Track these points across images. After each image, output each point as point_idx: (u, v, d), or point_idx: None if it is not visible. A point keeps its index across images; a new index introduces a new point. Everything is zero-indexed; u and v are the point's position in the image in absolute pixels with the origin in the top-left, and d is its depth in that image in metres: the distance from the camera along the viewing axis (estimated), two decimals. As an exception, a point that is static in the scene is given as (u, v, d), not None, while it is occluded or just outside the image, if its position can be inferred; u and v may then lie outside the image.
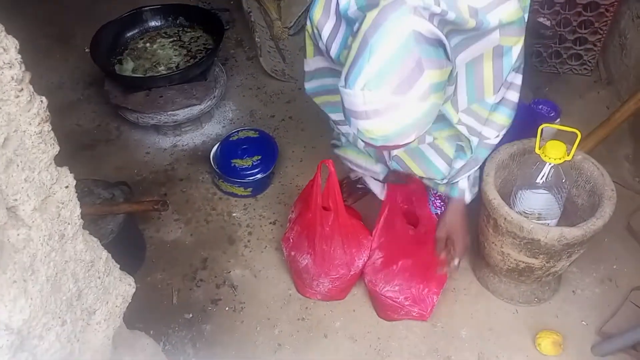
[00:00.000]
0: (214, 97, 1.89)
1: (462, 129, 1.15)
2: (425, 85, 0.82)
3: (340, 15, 1.01)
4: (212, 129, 2.00)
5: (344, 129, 1.27)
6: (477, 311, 1.48)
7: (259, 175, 1.73)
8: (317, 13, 1.06)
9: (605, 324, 1.43)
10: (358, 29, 0.88)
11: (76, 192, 1.56)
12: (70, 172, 0.78)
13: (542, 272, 1.32)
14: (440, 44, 0.87)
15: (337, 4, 1.01)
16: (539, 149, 1.24)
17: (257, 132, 1.82)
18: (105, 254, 0.85)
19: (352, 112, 0.87)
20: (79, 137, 1.99)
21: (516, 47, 1.05)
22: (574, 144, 1.24)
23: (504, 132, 1.19)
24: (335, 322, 1.47)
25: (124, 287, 0.92)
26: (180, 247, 1.65)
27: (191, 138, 1.97)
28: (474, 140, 1.17)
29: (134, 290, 0.96)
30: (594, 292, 1.51)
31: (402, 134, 0.87)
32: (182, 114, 1.83)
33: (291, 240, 1.44)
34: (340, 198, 1.29)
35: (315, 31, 1.07)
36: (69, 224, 0.75)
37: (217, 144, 1.80)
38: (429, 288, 1.39)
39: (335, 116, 1.26)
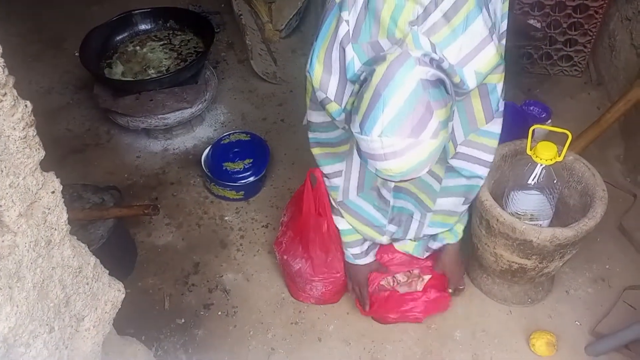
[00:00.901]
0: (205, 100, 1.88)
1: (457, 163, 1.22)
2: (435, 124, 0.89)
3: (345, 73, 1.03)
4: (204, 132, 1.99)
5: (335, 181, 1.28)
6: (470, 312, 1.48)
7: (250, 179, 1.72)
8: (317, 71, 1.06)
9: (598, 323, 1.43)
10: (369, 81, 0.92)
11: (65, 197, 1.55)
12: (57, 177, 0.77)
13: (535, 273, 1.32)
14: (442, 82, 0.93)
15: (341, 61, 1.03)
16: (530, 150, 1.24)
17: (249, 135, 1.81)
18: (93, 259, 0.84)
19: (370, 155, 0.93)
20: (69, 141, 1.97)
21: (500, 83, 1.11)
22: (565, 145, 1.24)
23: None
24: (329, 326, 1.46)
25: (113, 293, 0.91)
26: (171, 252, 1.63)
27: (182, 141, 1.95)
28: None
29: (123, 296, 0.95)
30: (587, 292, 1.51)
31: (418, 169, 0.94)
32: (172, 117, 1.82)
33: (284, 245, 1.43)
34: (329, 207, 1.29)
35: (317, 87, 1.07)
36: (55, 229, 0.74)
37: (209, 147, 1.79)
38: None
39: (329, 168, 1.27)
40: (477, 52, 0.98)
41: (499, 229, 1.23)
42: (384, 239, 1.34)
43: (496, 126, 1.18)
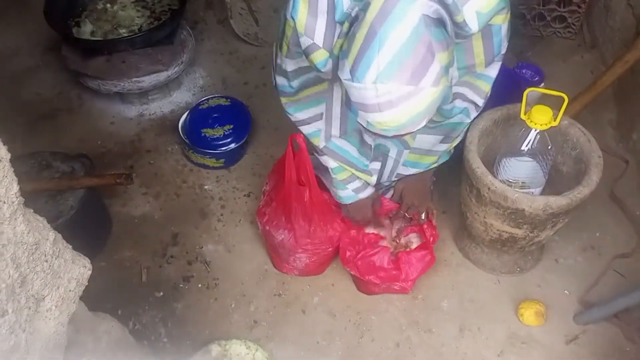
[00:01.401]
0: (182, 62, 1.77)
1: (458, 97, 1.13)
2: (437, 69, 0.79)
3: (333, 15, 0.91)
4: (182, 97, 1.89)
5: (316, 125, 1.18)
6: (458, 282, 1.44)
7: (231, 146, 1.64)
8: (301, 13, 0.92)
9: (587, 292, 1.40)
10: (362, 17, 0.81)
11: (33, 165, 1.45)
12: (4, 145, 0.68)
13: (525, 242, 1.28)
14: (443, 23, 0.83)
15: (328, 4, 0.90)
16: (524, 115, 1.17)
17: (229, 100, 1.72)
18: (53, 234, 0.77)
19: (362, 105, 0.82)
20: (39, 106, 1.86)
21: (505, 24, 1.00)
22: (560, 109, 1.18)
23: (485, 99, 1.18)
24: (314, 298, 1.41)
25: (77, 269, 0.84)
26: (148, 223, 1.56)
27: (159, 107, 1.85)
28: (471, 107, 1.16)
29: (90, 272, 0.88)
30: (577, 261, 1.48)
31: (416, 122, 0.84)
32: (147, 80, 1.72)
33: (266, 215, 1.36)
34: (312, 174, 1.21)
35: (301, 32, 0.94)
36: (4, 202, 0.66)
37: (186, 113, 1.70)
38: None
39: (306, 113, 1.17)
40: None
41: (490, 198, 1.18)
42: (373, 179, 1.28)
43: (494, 70, 1.09)
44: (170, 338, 1.35)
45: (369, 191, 1.28)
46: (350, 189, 1.26)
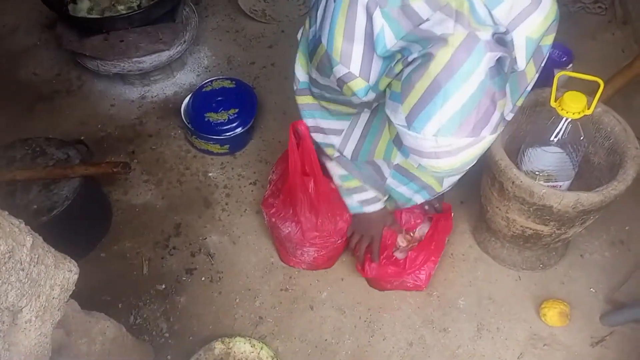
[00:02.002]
0: (184, 41, 1.68)
1: None
2: (497, 118, 0.77)
3: (372, 44, 0.82)
4: (185, 78, 1.80)
5: (331, 138, 1.08)
6: (476, 278, 1.36)
7: (236, 131, 1.55)
8: (337, 38, 0.83)
9: (615, 291, 1.31)
10: (422, 67, 0.74)
11: (27, 152, 1.38)
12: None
13: (551, 239, 1.19)
14: (503, 66, 0.77)
15: (367, 30, 0.81)
16: (555, 102, 1.06)
17: (234, 82, 1.62)
18: (30, 239, 0.69)
19: (417, 151, 0.81)
20: (37, 87, 1.79)
21: (550, 44, 0.94)
22: (595, 95, 1.06)
23: None
24: (322, 293, 1.34)
25: (62, 274, 0.77)
26: (150, 212, 1.49)
27: (161, 88, 1.76)
28: None
29: (76, 276, 0.81)
30: (604, 256, 1.39)
31: (470, 164, 0.85)
32: (148, 60, 1.62)
33: (273, 206, 1.28)
34: (317, 163, 1.12)
35: (336, 59, 0.85)
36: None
37: (189, 96, 1.61)
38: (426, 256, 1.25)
39: (326, 123, 1.07)
40: (532, 9, 0.80)
41: (514, 193, 1.08)
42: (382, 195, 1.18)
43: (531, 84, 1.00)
44: (171, 333, 1.29)
45: (378, 206, 1.17)
46: (356, 200, 1.15)
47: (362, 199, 1.16)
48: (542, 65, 0.95)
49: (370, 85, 0.86)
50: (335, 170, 1.13)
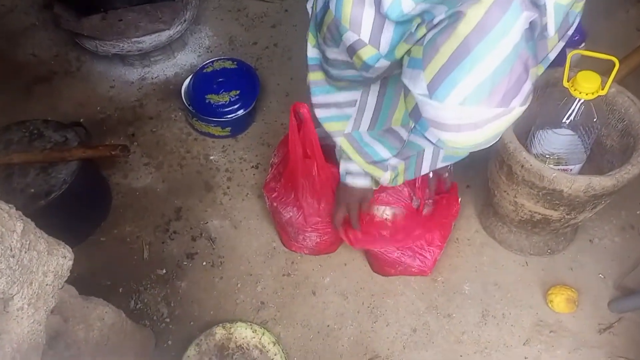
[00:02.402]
0: (185, 20, 1.63)
1: None
2: (529, 87, 0.71)
3: (379, 7, 0.76)
4: (186, 59, 1.76)
5: (346, 110, 1.02)
6: (482, 264, 1.33)
7: (238, 113, 1.51)
8: (346, 3, 0.78)
9: (625, 277, 1.28)
10: (450, 27, 0.67)
11: (25, 134, 1.36)
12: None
13: (560, 225, 1.15)
14: (534, 30, 0.71)
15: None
16: (568, 82, 1.02)
17: (235, 63, 1.58)
18: (21, 224, 0.67)
19: (437, 123, 0.73)
20: (35, 68, 1.75)
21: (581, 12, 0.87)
22: (610, 76, 1.02)
23: None
24: (325, 278, 1.32)
25: (55, 260, 0.75)
26: (150, 195, 1.47)
27: (162, 69, 1.73)
28: None
29: (70, 262, 0.79)
30: (614, 241, 1.35)
31: (492, 141, 0.76)
32: (148, 40, 1.59)
33: (275, 190, 1.25)
34: (318, 146, 1.09)
35: (346, 26, 0.80)
36: (-48, 193, 0.56)
37: (189, 77, 1.57)
38: (431, 240, 1.23)
39: (341, 96, 1.01)
40: None
41: (523, 177, 1.05)
42: (387, 175, 1.14)
43: (555, 53, 0.96)
44: (172, 318, 1.28)
45: (362, 182, 1.10)
46: (343, 167, 1.10)
47: (352, 171, 1.10)
48: (569, 34, 0.89)
49: (382, 53, 0.80)
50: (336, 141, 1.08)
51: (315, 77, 1.02)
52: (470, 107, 0.68)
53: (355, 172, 1.10)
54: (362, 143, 1.07)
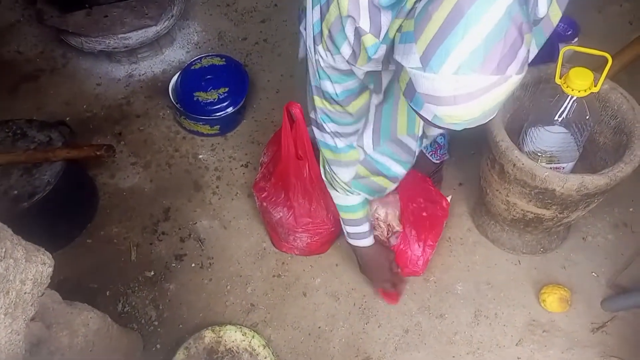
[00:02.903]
0: (172, 15, 1.60)
1: None
2: (524, 54, 0.67)
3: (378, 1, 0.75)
4: (174, 55, 1.73)
5: (350, 139, 1.01)
6: (474, 263, 1.32)
7: (227, 111, 1.49)
8: (344, 2, 0.78)
9: (618, 275, 1.27)
10: None
11: (8, 134, 1.33)
12: None
13: (552, 223, 1.14)
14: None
15: None
16: (560, 79, 1.00)
17: (224, 59, 1.55)
18: (-5, 233, 0.65)
19: (432, 97, 0.69)
20: (20, 66, 1.72)
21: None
22: (602, 72, 1.00)
23: None
24: (316, 279, 1.30)
25: (34, 268, 0.73)
26: (138, 196, 1.44)
27: (149, 66, 1.70)
28: None
29: (50, 269, 0.77)
30: (607, 239, 1.34)
31: (490, 115, 0.72)
32: (134, 37, 1.56)
33: (265, 190, 1.23)
34: (310, 147, 1.07)
35: (343, 11, 0.79)
36: None
37: (177, 75, 1.54)
38: (423, 241, 1.21)
39: (345, 129, 0.99)
40: None
41: (515, 176, 1.03)
42: (393, 187, 1.12)
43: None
44: (161, 321, 1.26)
45: (365, 242, 1.15)
46: (346, 230, 1.14)
47: (352, 231, 1.14)
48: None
49: (380, 40, 0.78)
50: (337, 199, 1.10)
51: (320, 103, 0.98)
52: (465, 76, 0.66)
53: (360, 233, 1.14)
54: (373, 162, 1.05)
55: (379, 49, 0.80)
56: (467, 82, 0.66)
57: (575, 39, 1.58)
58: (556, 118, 1.03)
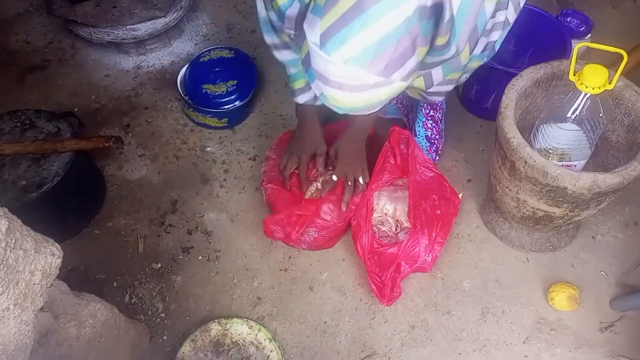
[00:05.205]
0: (181, 7, 1.59)
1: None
2: (412, 65, 0.71)
3: None
4: (183, 47, 1.72)
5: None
6: (482, 260, 1.31)
7: (235, 104, 1.48)
8: None
9: (627, 274, 1.26)
10: None
11: (16, 125, 1.33)
12: None
13: (562, 221, 1.13)
14: (439, 12, 0.70)
15: None
16: (574, 76, 0.99)
17: (233, 52, 1.54)
18: (5, 222, 0.64)
19: (322, 76, 0.73)
20: (28, 56, 1.72)
21: (490, 4, 0.87)
22: (617, 69, 0.99)
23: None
24: (323, 274, 1.30)
25: (43, 259, 0.72)
26: (146, 188, 1.44)
27: (158, 58, 1.69)
28: None
29: (59, 260, 0.77)
30: (617, 238, 1.33)
31: (372, 108, 0.77)
32: (143, 28, 1.55)
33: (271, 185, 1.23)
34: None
35: None
36: None
37: (185, 67, 1.53)
38: (433, 238, 1.20)
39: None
40: None
41: (526, 173, 1.02)
42: None
43: (480, 46, 0.96)
44: (167, 313, 1.26)
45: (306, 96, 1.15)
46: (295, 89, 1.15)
47: (297, 87, 1.15)
48: (478, 32, 0.89)
49: None
50: (289, 69, 1.14)
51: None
52: (353, 68, 0.68)
53: (303, 87, 1.13)
54: None
55: (291, 5, 0.82)
56: (353, 74, 0.69)
57: (589, 35, 1.56)
58: (569, 115, 1.01)
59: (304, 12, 0.81)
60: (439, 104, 1.33)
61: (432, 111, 1.33)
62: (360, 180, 1.23)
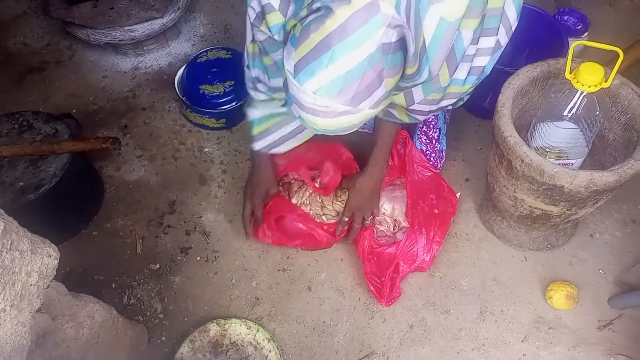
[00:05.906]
0: (178, 8, 1.59)
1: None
2: (380, 94, 0.76)
3: None
4: (180, 48, 1.72)
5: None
6: (480, 259, 1.31)
7: (233, 104, 1.48)
8: None
9: (625, 272, 1.26)
10: (321, 19, 0.72)
11: (14, 126, 1.33)
12: None
13: (560, 220, 1.13)
14: (403, 44, 0.74)
15: None
16: (570, 74, 0.99)
17: (230, 52, 1.54)
18: (1, 225, 0.64)
19: (298, 102, 0.78)
20: (26, 58, 1.72)
21: (468, 30, 0.89)
22: (614, 67, 0.99)
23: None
24: (321, 274, 1.30)
25: (39, 260, 0.72)
26: (144, 188, 1.44)
27: (155, 59, 1.69)
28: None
29: (56, 261, 0.77)
30: (615, 236, 1.33)
31: (347, 130, 0.82)
32: (140, 29, 1.55)
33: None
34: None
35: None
36: None
37: (182, 67, 1.53)
38: (431, 238, 1.20)
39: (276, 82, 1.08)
40: None
41: (523, 172, 1.02)
42: None
43: (461, 73, 0.97)
44: (166, 314, 1.26)
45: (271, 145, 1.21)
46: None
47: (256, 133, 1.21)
48: (456, 57, 0.92)
49: (284, 23, 0.85)
50: (253, 113, 1.19)
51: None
52: (322, 98, 0.73)
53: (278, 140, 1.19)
54: None
55: (281, 31, 0.87)
56: (323, 102, 0.74)
57: (585, 34, 1.56)
58: (565, 113, 1.02)
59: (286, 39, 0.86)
60: (434, 123, 1.33)
61: (425, 127, 1.33)
62: (368, 220, 1.23)
